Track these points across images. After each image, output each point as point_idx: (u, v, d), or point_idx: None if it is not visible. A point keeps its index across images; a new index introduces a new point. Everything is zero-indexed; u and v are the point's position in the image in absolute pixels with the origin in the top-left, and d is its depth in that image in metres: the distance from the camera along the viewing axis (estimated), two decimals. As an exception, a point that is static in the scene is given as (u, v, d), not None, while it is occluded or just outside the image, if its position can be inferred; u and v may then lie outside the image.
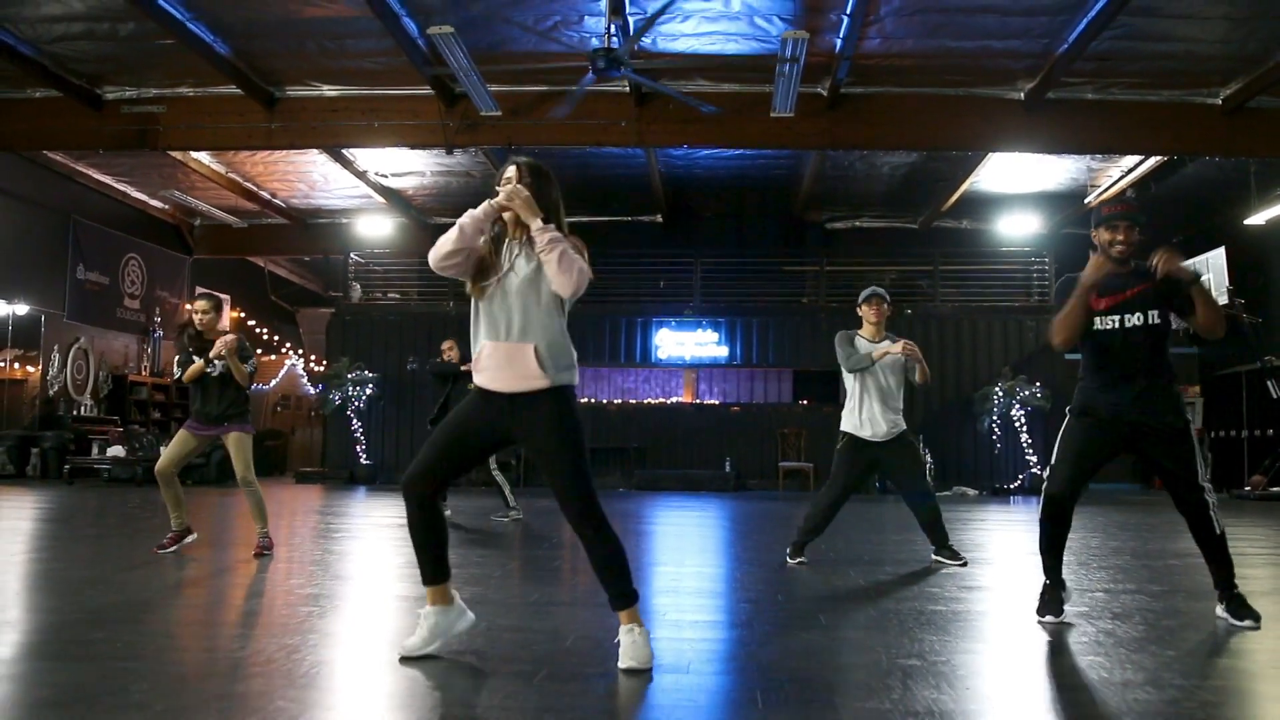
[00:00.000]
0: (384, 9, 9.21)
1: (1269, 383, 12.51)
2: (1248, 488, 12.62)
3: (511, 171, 3.05)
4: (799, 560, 5.37)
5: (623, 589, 2.93)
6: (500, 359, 2.91)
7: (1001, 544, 6.92)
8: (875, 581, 4.75)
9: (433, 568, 3.02)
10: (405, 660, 2.90)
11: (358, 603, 4.05)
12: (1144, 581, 4.80)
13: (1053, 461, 3.85)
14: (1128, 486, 15.55)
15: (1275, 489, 12.12)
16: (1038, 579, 3.81)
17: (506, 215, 3.00)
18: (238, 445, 5.66)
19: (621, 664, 2.83)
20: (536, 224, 2.90)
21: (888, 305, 5.58)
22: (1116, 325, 3.71)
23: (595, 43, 9.53)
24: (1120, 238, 3.69)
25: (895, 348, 5.38)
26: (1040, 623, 3.62)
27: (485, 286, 2.96)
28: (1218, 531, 3.62)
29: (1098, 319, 3.74)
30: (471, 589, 4.18)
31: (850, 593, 4.42)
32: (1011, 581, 4.83)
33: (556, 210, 3.04)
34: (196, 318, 5.86)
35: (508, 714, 2.39)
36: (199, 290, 6.74)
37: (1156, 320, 3.69)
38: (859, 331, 5.60)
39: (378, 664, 2.89)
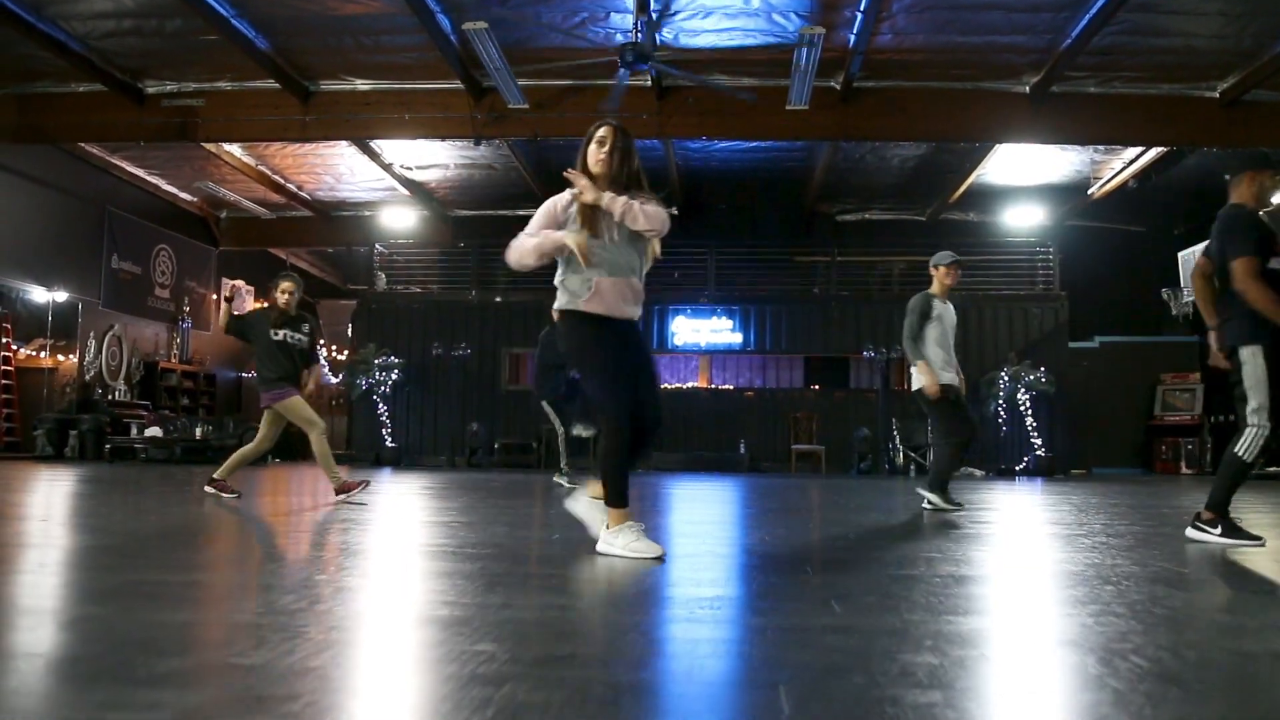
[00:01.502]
0: (420, 6, 9.71)
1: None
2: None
3: (605, 131, 3.49)
4: (956, 505, 5.83)
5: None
6: (624, 291, 3.40)
7: (1008, 504, 7.38)
8: (899, 523, 5.23)
9: (627, 490, 3.36)
10: (660, 559, 3.19)
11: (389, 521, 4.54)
12: (1138, 518, 5.28)
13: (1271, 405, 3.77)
14: (1131, 470, 16.02)
15: (1271, 469, 12.53)
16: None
17: (598, 171, 3.44)
18: (299, 407, 6.24)
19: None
20: (604, 201, 3.36)
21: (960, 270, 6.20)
22: None
23: (620, 38, 10.04)
24: None
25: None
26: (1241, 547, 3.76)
27: (599, 229, 3.38)
28: None
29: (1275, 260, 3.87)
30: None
31: (880, 526, 4.90)
32: (1016, 527, 5.31)
33: (640, 170, 3.52)
34: (283, 298, 6.21)
35: (573, 566, 2.88)
36: (284, 272, 7.04)
37: None
38: (932, 291, 6.09)
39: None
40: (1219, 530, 3.88)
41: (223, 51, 10.96)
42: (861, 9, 9.51)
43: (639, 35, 8.86)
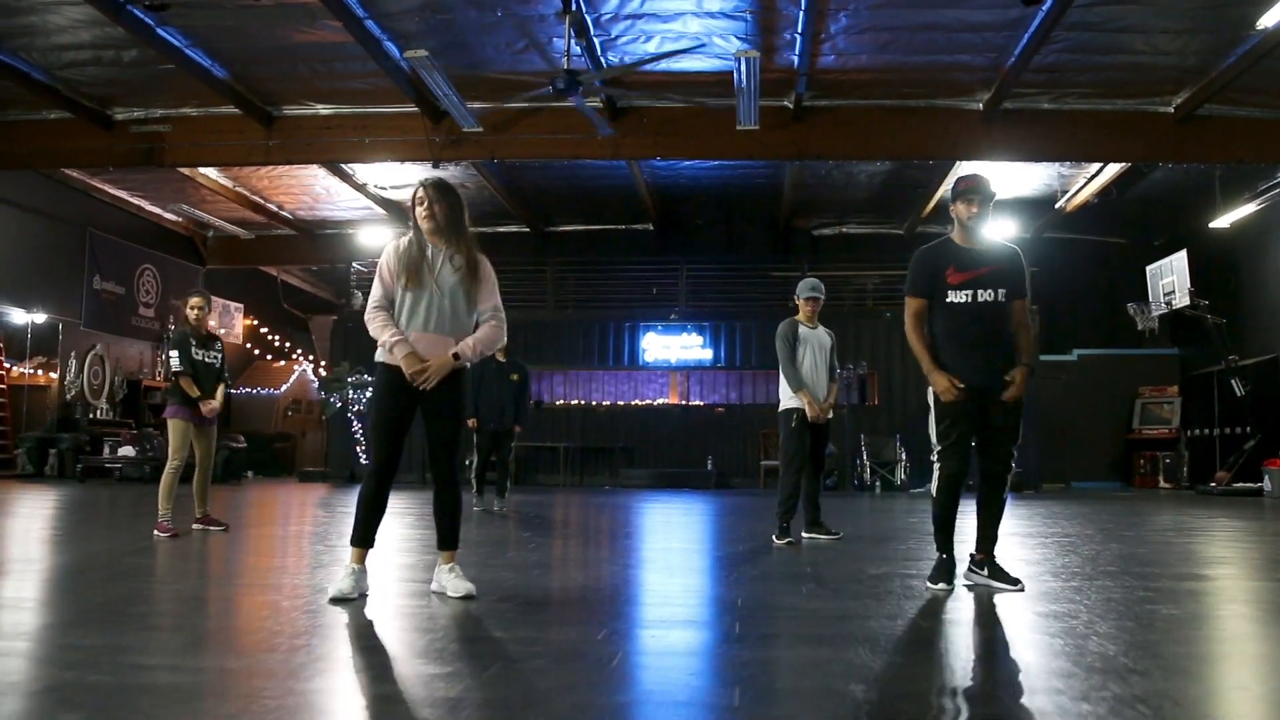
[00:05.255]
0: (365, 35, 9.86)
1: (1233, 381, 12.83)
2: (1213, 484, 12.93)
3: (421, 193, 3.63)
4: (786, 540, 5.72)
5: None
6: (429, 345, 3.64)
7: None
8: (874, 536, 5.27)
9: (370, 534, 3.68)
10: (335, 601, 3.43)
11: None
12: (1085, 515, 5.28)
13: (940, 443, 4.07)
14: (1109, 485, 15.89)
15: (1238, 485, 12.42)
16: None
17: (425, 227, 3.65)
18: (212, 435, 6.40)
19: (453, 593, 3.61)
20: (453, 358, 3.62)
21: (821, 299, 6.41)
22: (969, 299, 3.96)
23: (565, 63, 10.12)
24: (974, 210, 3.99)
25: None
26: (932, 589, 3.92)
27: (421, 283, 3.65)
28: (1003, 499, 4.09)
29: (951, 292, 3.97)
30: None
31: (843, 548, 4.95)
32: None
33: (463, 220, 3.66)
34: (193, 314, 6.44)
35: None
36: (194, 288, 7.25)
37: (1004, 298, 3.95)
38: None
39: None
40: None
41: (183, 80, 11.13)
42: (799, 32, 9.55)
43: (571, 61, 8.94)
